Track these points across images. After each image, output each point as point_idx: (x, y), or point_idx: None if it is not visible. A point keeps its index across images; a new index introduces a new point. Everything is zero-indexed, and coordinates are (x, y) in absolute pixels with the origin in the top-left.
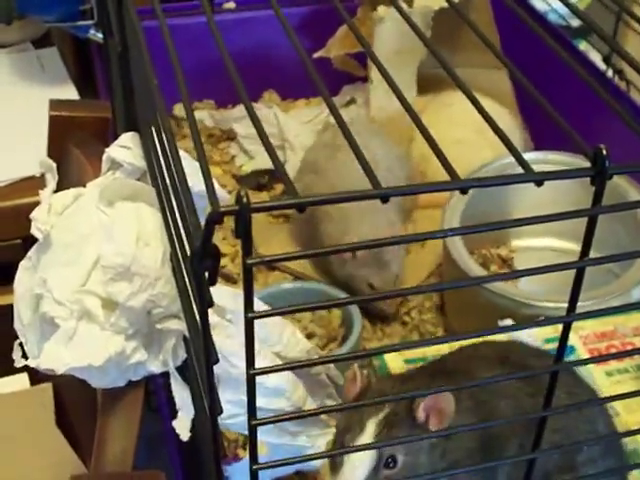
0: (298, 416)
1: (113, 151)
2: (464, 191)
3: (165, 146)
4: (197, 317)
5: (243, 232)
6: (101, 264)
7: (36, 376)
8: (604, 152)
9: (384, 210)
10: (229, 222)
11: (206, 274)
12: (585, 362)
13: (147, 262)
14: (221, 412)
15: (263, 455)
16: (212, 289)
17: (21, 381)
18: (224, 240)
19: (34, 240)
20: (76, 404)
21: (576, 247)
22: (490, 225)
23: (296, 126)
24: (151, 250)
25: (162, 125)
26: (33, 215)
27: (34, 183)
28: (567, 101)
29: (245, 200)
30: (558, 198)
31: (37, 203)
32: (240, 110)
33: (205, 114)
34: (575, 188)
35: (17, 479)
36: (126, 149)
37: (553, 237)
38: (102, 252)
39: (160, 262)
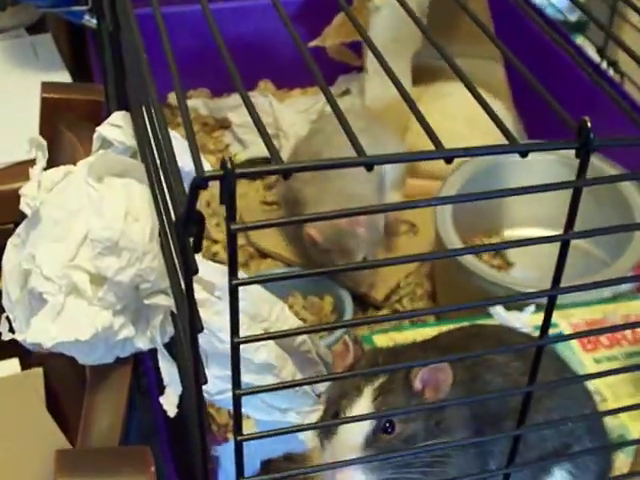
0: (283, 386)
1: (104, 130)
2: (449, 160)
3: (154, 122)
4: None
5: (227, 198)
6: (89, 238)
7: (27, 361)
8: (588, 124)
9: (358, 196)
10: (223, 209)
11: (191, 241)
12: (569, 337)
13: (135, 237)
14: (206, 382)
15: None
16: (201, 264)
17: (12, 366)
18: (217, 227)
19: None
20: (67, 389)
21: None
22: (478, 195)
23: (291, 115)
24: (140, 225)
25: (151, 100)
26: (22, 191)
27: (27, 168)
28: (561, 92)
29: (229, 166)
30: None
31: None
32: (235, 99)
33: (199, 102)
34: (567, 176)
35: (7, 462)
36: (117, 128)
37: (546, 228)
38: (91, 226)
39: (148, 237)
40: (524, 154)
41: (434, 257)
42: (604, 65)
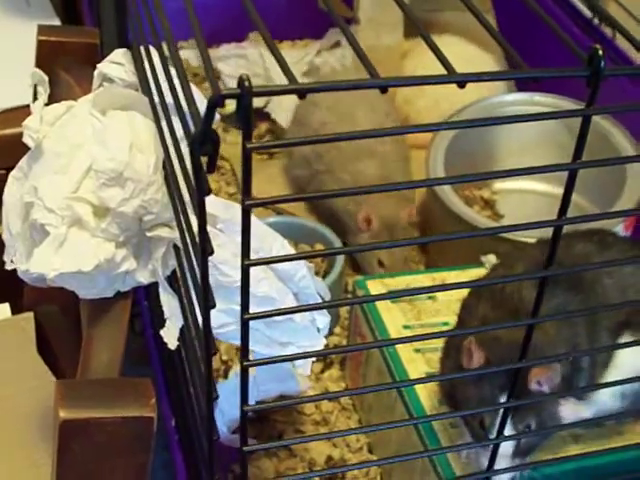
0: (291, 311)
1: (105, 67)
2: (462, 85)
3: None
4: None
5: (244, 116)
6: (94, 168)
7: (18, 307)
8: (600, 52)
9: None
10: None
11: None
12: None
13: (140, 168)
14: (214, 305)
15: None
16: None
17: (2, 311)
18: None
19: None
20: (59, 335)
21: (560, 191)
22: (483, 120)
23: None
24: (144, 157)
25: (165, 36)
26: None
27: (18, 114)
28: (553, 47)
29: (247, 84)
30: (542, 141)
31: (21, 134)
32: (225, 49)
33: (190, 53)
34: (559, 131)
35: None
36: (118, 65)
37: (536, 180)
38: (95, 157)
39: (153, 169)
40: (535, 80)
41: (420, 185)
42: (596, 21)
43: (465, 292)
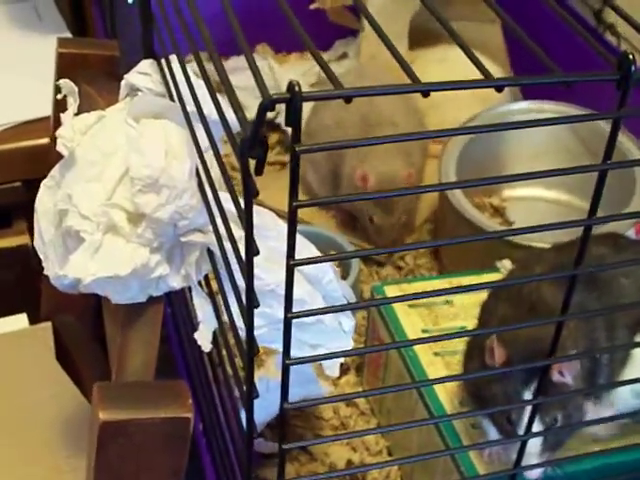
0: (331, 310)
1: (132, 77)
2: (499, 89)
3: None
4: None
5: (294, 120)
6: (130, 175)
7: (36, 317)
8: (629, 57)
9: (406, 154)
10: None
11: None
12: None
13: (175, 174)
14: (258, 305)
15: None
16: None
17: (20, 321)
18: None
19: (35, 182)
20: (77, 344)
21: (567, 198)
22: (505, 125)
23: (291, 77)
24: (179, 163)
25: (208, 48)
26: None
27: (33, 127)
28: (557, 52)
29: (297, 89)
30: (551, 148)
31: (36, 146)
32: (234, 61)
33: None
34: (566, 138)
35: (19, 413)
36: (145, 75)
37: (545, 188)
38: (131, 164)
39: (187, 175)
40: (567, 84)
41: (433, 189)
42: (601, 29)
43: (482, 297)
